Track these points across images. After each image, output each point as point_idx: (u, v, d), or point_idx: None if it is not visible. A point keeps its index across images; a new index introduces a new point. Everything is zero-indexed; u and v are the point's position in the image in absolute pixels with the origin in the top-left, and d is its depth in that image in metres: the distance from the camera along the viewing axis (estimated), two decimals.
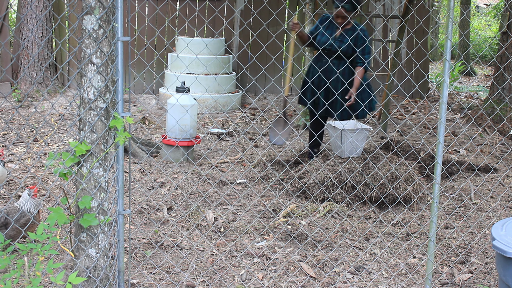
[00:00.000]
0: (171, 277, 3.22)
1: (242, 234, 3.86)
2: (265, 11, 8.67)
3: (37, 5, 8.05)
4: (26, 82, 8.31)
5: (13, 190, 4.45)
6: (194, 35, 9.53)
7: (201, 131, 6.95)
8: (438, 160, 2.92)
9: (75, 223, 2.39)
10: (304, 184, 4.57)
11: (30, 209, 3.23)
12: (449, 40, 2.83)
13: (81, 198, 2.30)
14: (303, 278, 3.27)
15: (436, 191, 2.94)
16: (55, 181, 4.63)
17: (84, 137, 2.31)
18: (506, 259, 2.59)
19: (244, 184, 4.96)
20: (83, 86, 2.30)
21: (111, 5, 2.31)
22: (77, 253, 2.39)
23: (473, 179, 5.19)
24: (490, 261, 3.58)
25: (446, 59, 2.86)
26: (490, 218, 4.34)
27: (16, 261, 2.56)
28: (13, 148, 5.62)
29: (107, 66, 2.34)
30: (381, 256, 3.60)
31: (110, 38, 2.33)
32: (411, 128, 7.66)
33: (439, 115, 2.90)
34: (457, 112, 8.55)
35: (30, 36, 7.99)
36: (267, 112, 8.32)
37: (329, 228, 4.03)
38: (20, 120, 6.91)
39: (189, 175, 5.06)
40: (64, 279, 2.55)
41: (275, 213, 4.27)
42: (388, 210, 4.30)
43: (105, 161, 2.37)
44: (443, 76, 2.88)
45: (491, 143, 6.54)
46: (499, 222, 2.85)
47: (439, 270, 3.43)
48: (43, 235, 2.25)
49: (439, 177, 2.92)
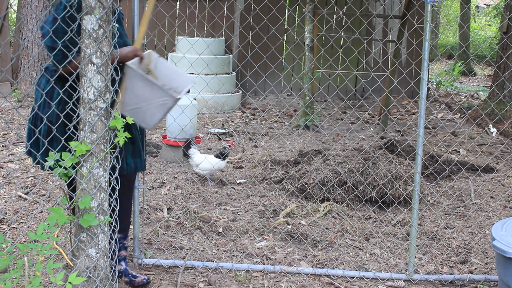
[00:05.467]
0: (171, 277, 3.22)
1: (242, 234, 3.86)
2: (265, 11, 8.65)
3: (37, 5, 8.05)
4: (26, 82, 8.31)
5: (13, 190, 4.45)
6: (194, 35, 9.53)
7: (201, 131, 6.95)
8: (418, 151, 3.23)
9: (75, 223, 2.39)
10: (304, 184, 4.57)
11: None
12: (426, 41, 3.12)
13: (81, 198, 2.29)
14: (303, 278, 3.27)
15: (417, 179, 3.24)
16: (55, 181, 4.63)
17: (84, 137, 2.31)
18: (506, 259, 2.59)
19: (244, 184, 4.96)
20: (83, 86, 2.30)
21: (111, 5, 2.31)
22: (77, 253, 2.39)
23: (472, 178, 5.19)
24: (490, 261, 3.58)
25: (424, 58, 3.15)
26: (490, 218, 4.33)
27: (16, 261, 2.56)
28: (13, 148, 5.62)
29: (107, 66, 2.34)
30: (381, 256, 3.60)
31: (110, 38, 2.33)
32: (411, 128, 7.66)
33: (419, 110, 3.22)
34: (456, 112, 8.55)
35: (30, 36, 7.99)
36: (267, 112, 8.32)
37: (329, 228, 4.03)
38: (20, 120, 6.91)
39: (189, 175, 5.06)
40: (64, 279, 2.55)
41: (275, 213, 4.27)
42: (388, 210, 4.30)
43: (105, 161, 2.37)
44: (422, 73, 3.17)
45: (491, 143, 6.54)
46: (499, 222, 2.85)
47: (439, 270, 3.43)
48: (43, 235, 2.25)
49: (419, 166, 3.23)
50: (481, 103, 8.39)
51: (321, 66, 9.47)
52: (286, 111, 8.41)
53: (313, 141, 6.59)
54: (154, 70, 2.94)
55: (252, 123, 7.62)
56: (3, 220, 3.84)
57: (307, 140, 6.65)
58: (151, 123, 2.78)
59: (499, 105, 7.38)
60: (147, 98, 2.69)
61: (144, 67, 2.87)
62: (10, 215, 3.93)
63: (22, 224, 3.84)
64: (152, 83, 2.68)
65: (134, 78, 2.68)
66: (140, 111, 2.72)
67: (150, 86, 2.67)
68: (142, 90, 2.69)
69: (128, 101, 2.69)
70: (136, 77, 2.66)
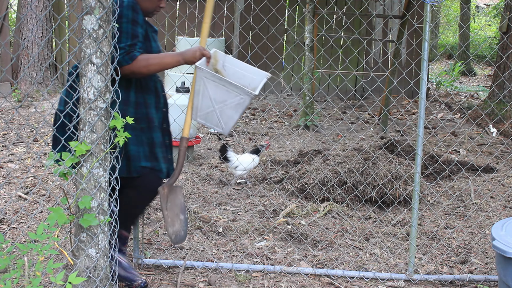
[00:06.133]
0: (171, 277, 3.22)
1: (242, 234, 3.86)
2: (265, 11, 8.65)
3: (37, 5, 8.05)
4: (26, 82, 8.30)
5: (13, 190, 4.45)
6: (194, 35, 9.53)
7: (201, 131, 6.95)
8: (418, 151, 3.23)
9: (75, 223, 2.39)
10: (304, 184, 4.57)
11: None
12: (426, 41, 3.12)
13: (81, 198, 2.29)
14: (303, 278, 3.27)
15: (417, 179, 3.24)
16: (55, 181, 4.63)
17: (84, 137, 2.31)
18: (506, 259, 2.59)
19: (244, 184, 4.96)
20: (83, 86, 2.30)
21: (111, 5, 2.31)
22: (77, 253, 2.39)
23: (472, 178, 5.19)
24: (490, 261, 3.58)
25: (424, 58, 3.14)
26: (490, 218, 4.33)
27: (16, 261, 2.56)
28: (13, 148, 5.62)
29: (107, 66, 2.34)
30: (381, 256, 3.60)
31: (110, 38, 2.33)
32: (410, 128, 7.66)
33: (419, 110, 3.21)
34: (456, 112, 8.55)
35: (30, 36, 7.99)
36: (267, 112, 8.32)
37: (329, 228, 4.03)
38: (20, 120, 6.91)
39: (189, 175, 5.06)
40: (64, 279, 2.54)
41: (275, 213, 4.27)
42: (388, 211, 4.30)
43: (105, 161, 2.37)
44: (421, 73, 3.17)
45: (491, 143, 6.54)
46: (499, 222, 2.85)
47: (439, 270, 3.43)
48: (43, 235, 2.25)
49: (419, 167, 3.23)
50: (481, 103, 8.39)
51: (321, 66, 9.47)
52: (286, 111, 8.41)
53: (313, 141, 6.59)
54: (222, 69, 2.79)
55: (252, 123, 7.62)
56: (3, 220, 3.84)
57: (307, 140, 6.65)
58: (228, 126, 2.61)
59: (499, 105, 7.38)
60: (222, 99, 2.52)
61: (211, 67, 2.72)
62: (10, 215, 3.93)
63: (22, 224, 3.84)
64: (227, 82, 2.49)
65: (206, 79, 2.50)
66: (214, 115, 2.56)
67: (225, 86, 2.50)
68: (215, 92, 2.51)
69: (201, 106, 2.55)
70: (208, 78, 2.49)
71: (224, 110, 2.53)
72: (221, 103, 2.52)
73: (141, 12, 2.67)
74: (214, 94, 2.50)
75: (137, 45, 2.62)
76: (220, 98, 2.51)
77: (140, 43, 2.64)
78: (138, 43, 2.63)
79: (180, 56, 2.67)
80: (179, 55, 2.67)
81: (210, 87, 2.50)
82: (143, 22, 2.67)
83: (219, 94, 2.50)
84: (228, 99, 2.51)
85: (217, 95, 2.50)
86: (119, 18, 2.51)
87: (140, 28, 2.65)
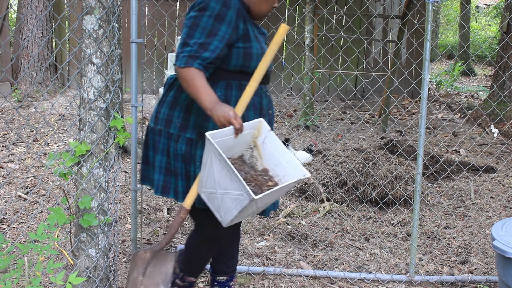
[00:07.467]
0: None
1: (242, 234, 3.85)
2: None
3: (37, 5, 8.04)
4: (26, 82, 8.30)
5: (13, 190, 4.45)
6: None
7: None
8: (419, 151, 3.22)
9: (75, 223, 2.39)
10: (304, 184, 4.57)
11: None
12: (427, 41, 3.11)
13: (81, 198, 2.29)
14: (303, 278, 3.27)
15: (418, 180, 3.23)
16: (55, 181, 4.62)
17: (84, 137, 2.31)
18: (506, 259, 2.59)
19: None
20: (83, 86, 2.30)
21: (111, 5, 2.31)
22: (77, 253, 2.39)
23: (472, 178, 5.18)
24: (490, 261, 3.58)
25: (425, 58, 3.12)
26: (490, 218, 4.33)
27: (16, 261, 2.56)
28: (13, 148, 5.62)
29: (107, 66, 2.33)
30: (381, 256, 3.60)
31: (110, 38, 2.33)
32: (411, 128, 7.66)
33: (420, 110, 3.19)
34: (457, 112, 8.55)
35: (30, 36, 7.99)
36: None
37: (329, 228, 4.03)
38: (20, 120, 6.91)
39: None
40: (64, 279, 2.55)
41: (275, 213, 4.26)
42: (389, 211, 4.30)
43: (105, 161, 2.37)
44: (423, 73, 3.15)
45: (492, 143, 6.54)
46: (499, 222, 2.85)
47: (439, 270, 3.43)
48: (43, 235, 2.25)
49: (420, 167, 3.22)
50: (481, 103, 8.39)
51: (321, 66, 9.46)
52: (286, 111, 8.41)
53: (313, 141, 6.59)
54: (261, 146, 2.32)
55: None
56: (3, 220, 3.83)
57: (307, 140, 6.64)
58: (225, 217, 2.12)
59: (499, 105, 7.38)
60: (225, 186, 2.06)
61: (249, 140, 2.31)
62: (10, 215, 3.93)
63: (22, 224, 3.83)
64: (231, 169, 2.01)
65: (213, 155, 2.06)
66: (216, 198, 2.12)
67: (229, 172, 2.03)
68: (220, 173, 2.06)
69: (205, 182, 2.14)
70: (214, 155, 2.06)
71: (224, 199, 2.09)
72: (224, 190, 2.07)
73: (235, 9, 2.26)
74: (219, 176, 2.07)
75: (209, 48, 2.21)
76: (223, 184, 2.07)
77: (217, 42, 2.22)
78: (212, 43, 2.21)
79: (211, 106, 2.17)
80: (211, 104, 2.18)
81: (216, 166, 2.07)
82: (233, 20, 2.25)
83: (222, 178, 2.06)
84: (230, 189, 2.05)
85: (221, 178, 2.07)
86: (203, 10, 2.21)
87: (226, 26, 2.23)
